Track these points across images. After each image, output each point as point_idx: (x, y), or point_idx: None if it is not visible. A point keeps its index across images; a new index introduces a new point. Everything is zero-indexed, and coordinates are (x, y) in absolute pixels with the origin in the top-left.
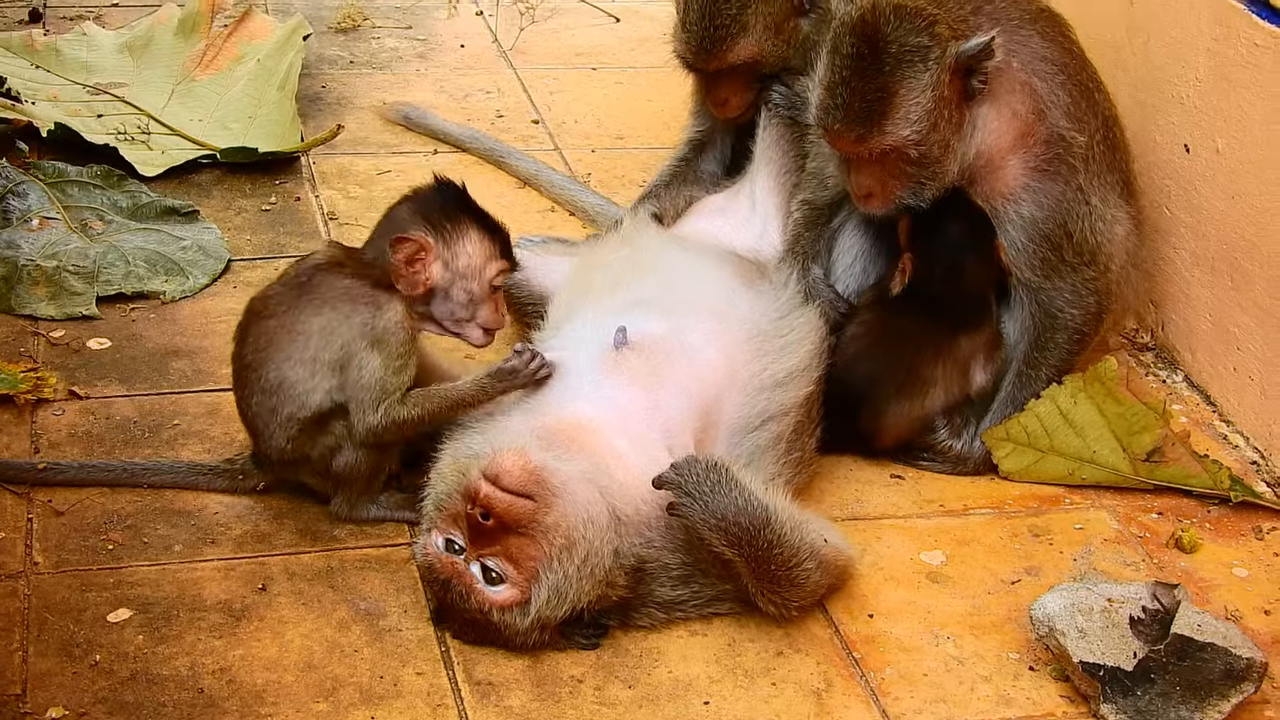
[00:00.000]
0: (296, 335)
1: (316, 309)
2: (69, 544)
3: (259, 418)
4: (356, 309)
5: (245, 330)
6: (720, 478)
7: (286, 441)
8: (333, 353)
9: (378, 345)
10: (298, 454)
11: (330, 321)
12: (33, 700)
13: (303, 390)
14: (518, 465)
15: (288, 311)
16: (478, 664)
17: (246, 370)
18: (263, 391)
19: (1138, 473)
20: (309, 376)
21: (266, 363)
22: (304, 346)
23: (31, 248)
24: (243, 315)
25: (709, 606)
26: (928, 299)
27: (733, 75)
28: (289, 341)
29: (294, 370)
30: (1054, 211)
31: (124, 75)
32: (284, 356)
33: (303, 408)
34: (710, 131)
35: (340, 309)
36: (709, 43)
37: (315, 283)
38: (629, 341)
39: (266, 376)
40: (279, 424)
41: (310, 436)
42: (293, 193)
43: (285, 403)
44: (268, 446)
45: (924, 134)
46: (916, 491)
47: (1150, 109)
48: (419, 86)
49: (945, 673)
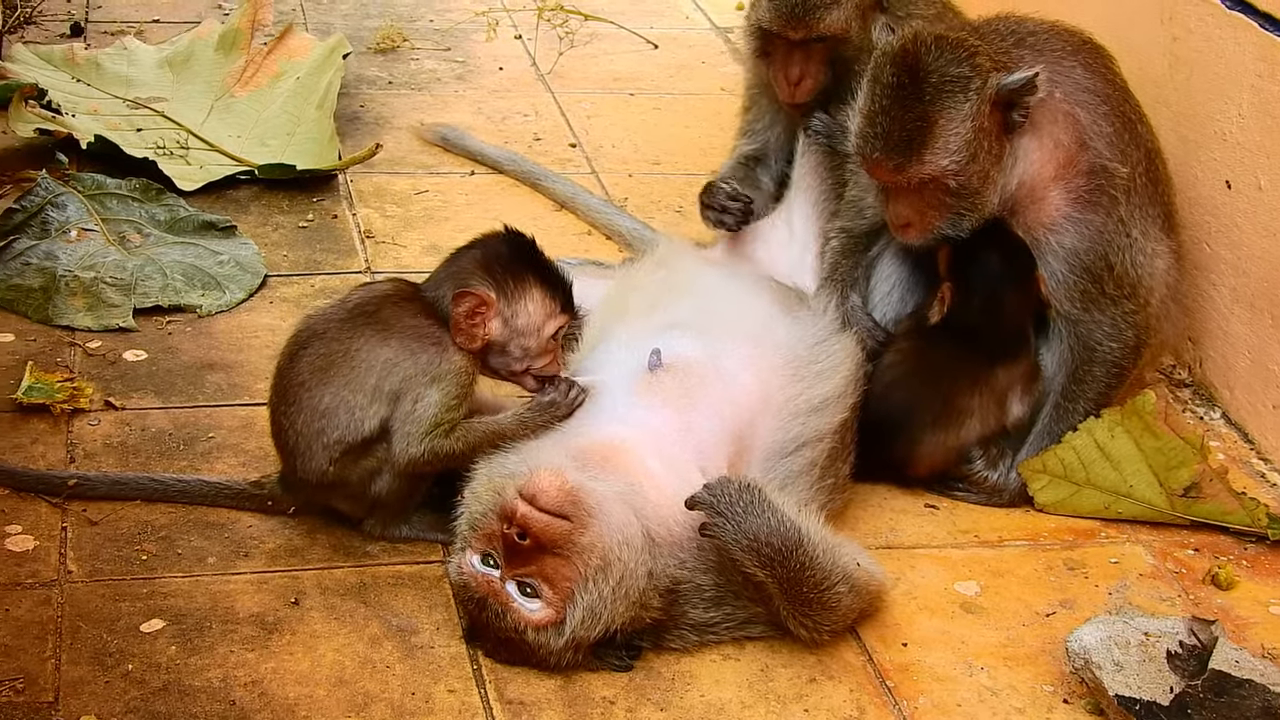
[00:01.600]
0: (358, 364)
1: (383, 340)
2: (103, 554)
3: (302, 438)
4: (423, 347)
5: (302, 347)
6: (753, 499)
7: (329, 464)
8: (393, 385)
9: (437, 383)
10: (337, 477)
11: (396, 355)
12: (65, 708)
13: (359, 417)
14: (554, 485)
15: (352, 338)
16: (510, 683)
17: (298, 388)
18: (312, 412)
19: (1174, 508)
20: (366, 404)
21: (323, 385)
22: (365, 375)
23: (69, 259)
24: (298, 331)
25: (741, 630)
26: (966, 329)
27: (814, 51)
28: (349, 369)
29: (352, 396)
30: (1095, 243)
31: (164, 90)
32: (343, 382)
33: (353, 433)
34: (764, 150)
35: (407, 345)
36: (801, 9)
37: (384, 315)
38: (663, 364)
39: (321, 399)
40: (324, 446)
41: (354, 460)
42: (330, 210)
43: (335, 427)
44: (306, 468)
45: (963, 164)
46: (951, 522)
47: (1192, 144)
48: (457, 108)
49: (979, 703)
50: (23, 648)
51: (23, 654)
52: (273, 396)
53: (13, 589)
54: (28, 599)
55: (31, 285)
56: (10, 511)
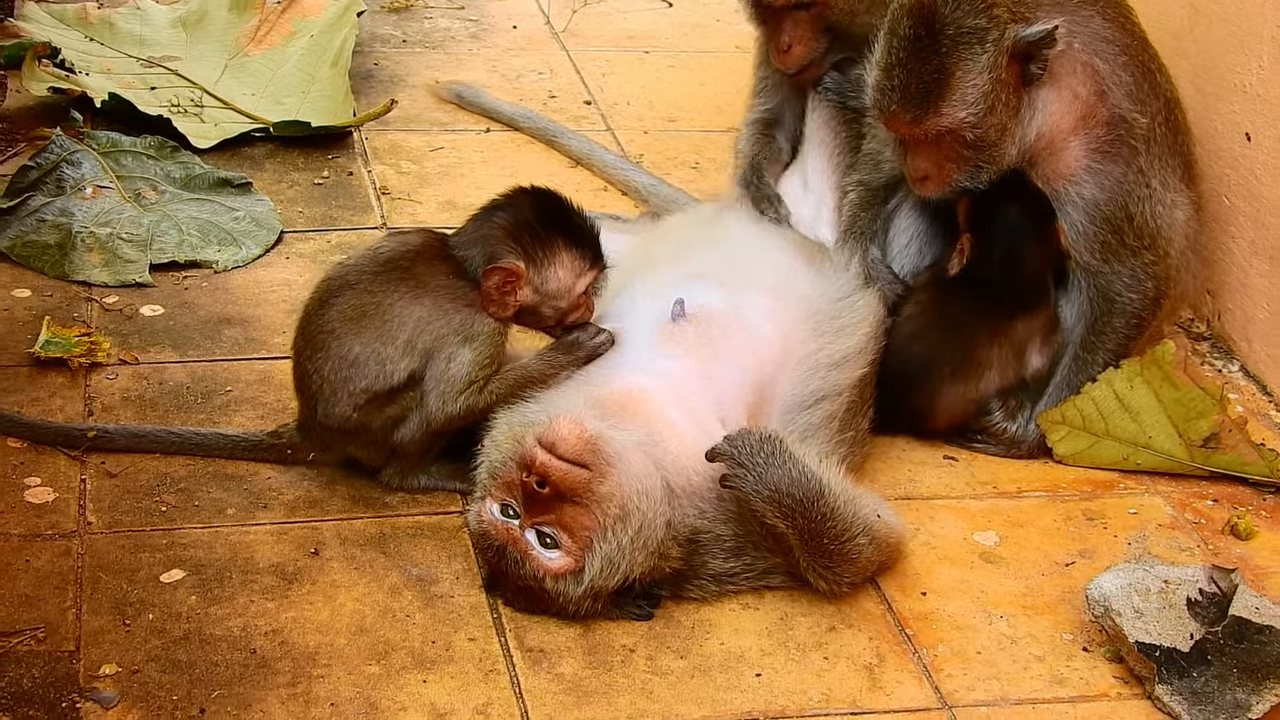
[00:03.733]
0: (391, 318)
1: (416, 298)
2: (122, 505)
3: (327, 384)
4: (457, 308)
5: (333, 296)
6: (774, 450)
7: (353, 411)
8: (426, 342)
9: (470, 343)
10: (360, 424)
11: (429, 314)
12: (86, 658)
13: (389, 369)
14: (573, 433)
15: (385, 292)
16: (529, 631)
17: (327, 335)
18: (341, 360)
19: (1193, 459)
20: (398, 357)
21: (354, 335)
22: (397, 330)
23: (85, 215)
24: (328, 279)
25: (761, 580)
26: (985, 281)
27: (800, 18)
28: (381, 322)
29: (384, 349)
30: (1115, 194)
31: (177, 49)
32: (375, 334)
33: (382, 383)
34: (779, 108)
35: (440, 304)
36: None
37: (417, 272)
38: (686, 314)
39: (352, 349)
40: (349, 394)
41: (378, 408)
42: (345, 167)
43: (364, 377)
44: (329, 414)
45: (980, 116)
46: (970, 473)
47: (1211, 96)
48: (471, 66)
49: (998, 651)
50: (43, 598)
51: (43, 604)
52: (298, 342)
53: (33, 540)
54: (48, 550)
55: (47, 241)
56: (29, 464)
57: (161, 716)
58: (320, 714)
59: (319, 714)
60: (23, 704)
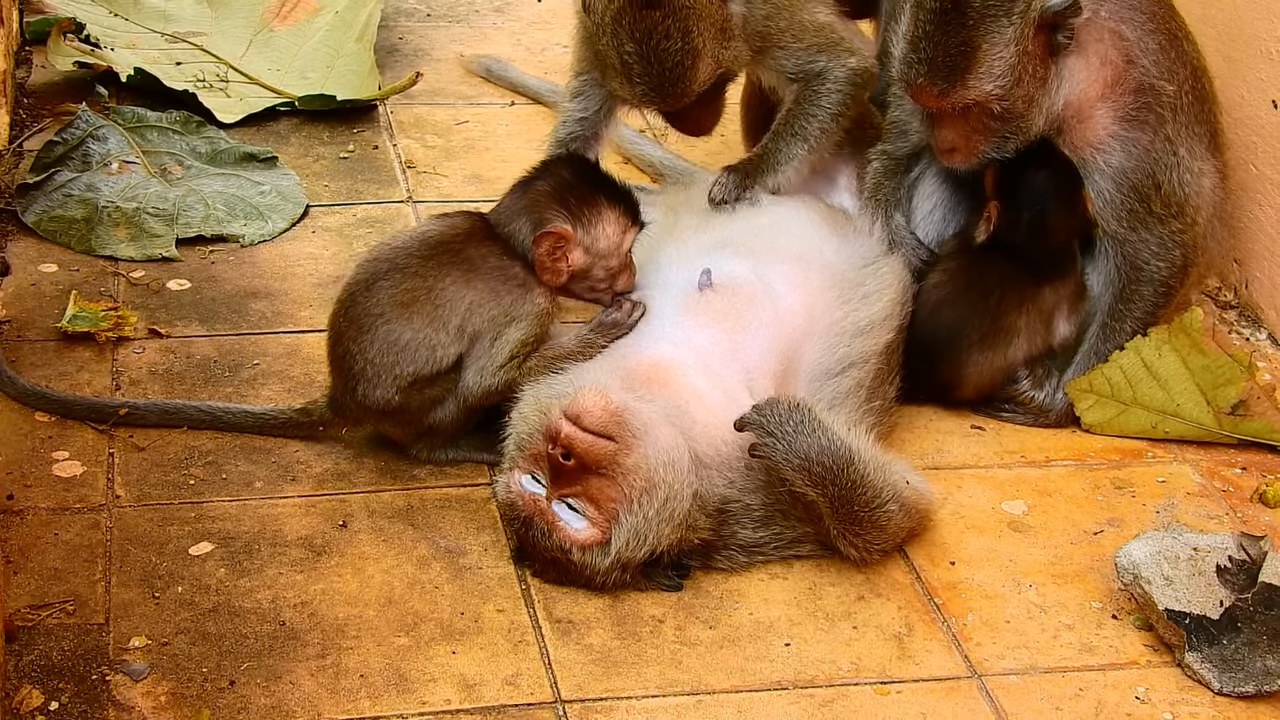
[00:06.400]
0: (443, 304)
1: (468, 282)
2: (150, 479)
3: (371, 366)
4: (509, 290)
5: (379, 278)
6: (803, 418)
7: (395, 393)
8: (476, 326)
9: (517, 323)
10: (400, 405)
11: (481, 298)
12: (116, 630)
13: (439, 355)
14: (599, 405)
15: (437, 277)
16: (558, 602)
17: (374, 319)
18: (388, 344)
19: (1222, 426)
20: (448, 343)
21: (404, 320)
22: (449, 315)
23: (111, 190)
24: (374, 261)
25: (790, 549)
26: (1012, 248)
27: (701, 98)
28: (433, 307)
29: (435, 335)
30: (1143, 161)
31: (202, 25)
32: (426, 320)
33: (429, 368)
34: None
35: (492, 287)
36: (669, 83)
37: (468, 254)
38: (713, 283)
39: (402, 334)
40: (394, 378)
41: (419, 390)
42: (370, 141)
43: (412, 362)
44: (369, 395)
45: (1007, 88)
46: (998, 442)
47: (1237, 64)
48: (496, 40)
49: (1027, 620)
50: (73, 571)
51: (73, 577)
52: (340, 322)
53: (61, 513)
54: (77, 523)
55: (74, 216)
56: (57, 438)
57: (191, 688)
58: (350, 685)
59: (348, 685)
60: (53, 677)
